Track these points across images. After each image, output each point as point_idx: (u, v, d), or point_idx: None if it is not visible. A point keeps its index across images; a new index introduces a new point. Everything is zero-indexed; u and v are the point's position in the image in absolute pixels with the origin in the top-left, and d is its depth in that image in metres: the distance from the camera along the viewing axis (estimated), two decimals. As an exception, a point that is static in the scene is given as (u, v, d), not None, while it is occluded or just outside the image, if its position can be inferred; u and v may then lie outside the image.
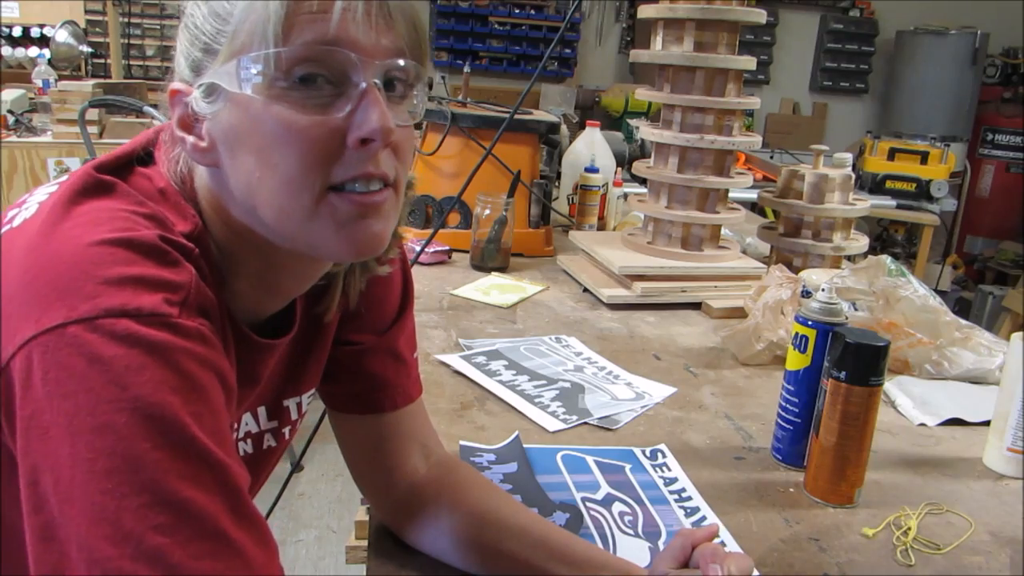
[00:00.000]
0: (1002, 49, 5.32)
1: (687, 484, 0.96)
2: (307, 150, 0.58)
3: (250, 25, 0.58)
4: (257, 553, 0.52)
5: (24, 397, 0.50)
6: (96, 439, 0.48)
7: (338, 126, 0.59)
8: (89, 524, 0.48)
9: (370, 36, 0.58)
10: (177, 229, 0.60)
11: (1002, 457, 1.04)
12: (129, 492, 0.48)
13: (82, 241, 0.54)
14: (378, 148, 0.59)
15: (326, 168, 0.59)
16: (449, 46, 4.90)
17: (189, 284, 0.56)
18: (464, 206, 1.81)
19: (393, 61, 0.60)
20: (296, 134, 0.58)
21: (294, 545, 2.47)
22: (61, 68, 3.63)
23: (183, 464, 0.50)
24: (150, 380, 0.50)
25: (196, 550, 0.49)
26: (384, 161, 0.61)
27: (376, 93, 0.59)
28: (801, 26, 5.37)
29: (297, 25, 0.57)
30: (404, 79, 0.62)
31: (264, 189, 0.60)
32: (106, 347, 0.50)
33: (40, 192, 0.63)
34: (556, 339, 1.38)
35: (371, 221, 0.61)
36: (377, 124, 0.58)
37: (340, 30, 0.57)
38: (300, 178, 0.59)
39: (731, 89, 1.56)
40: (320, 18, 0.57)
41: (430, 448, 0.85)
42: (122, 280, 0.52)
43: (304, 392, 0.82)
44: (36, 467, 0.50)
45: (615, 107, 4.65)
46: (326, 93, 0.59)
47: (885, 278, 1.32)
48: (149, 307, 0.52)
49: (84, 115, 2.64)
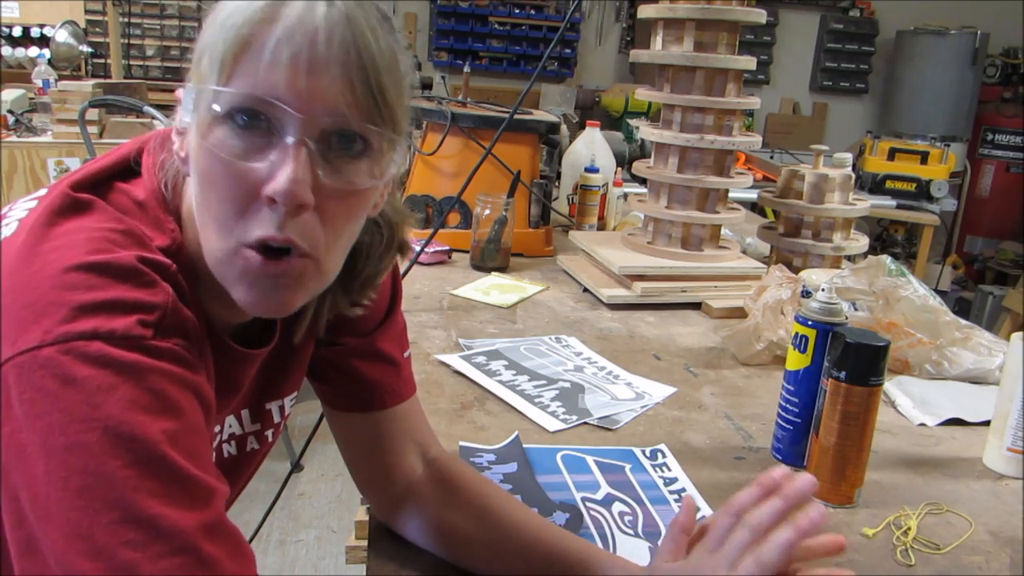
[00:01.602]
0: (1002, 49, 5.32)
1: (687, 484, 0.96)
2: (227, 197, 0.58)
3: (208, 53, 0.57)
4: (231, 566, 0.53)
5: (4, 415, 0.51)
6: (69, 457, 0.50)
7: (257, 178, 0.57)
8: (65, 540, 0.49)
9: (314, 92, 0.56)
10: (154, 244, 0.60)
11: (1002, 457, 1.04)
12: (101, 509, 0.49)
13: (59, 266, 0.55)
14: (285, 211, 0.56)
15: (242, 219, 0.58)
16: (449, 46, 4.91)
17: (165, 304, 0.56)
18: (464, 206, 1.81)
19: (331, 119, 0.57)
20: (220, 177, 0.58)
21: (294, 545, 2.47)
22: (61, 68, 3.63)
23: (153, 481, 0.51)
24: (121, 399, 0.51)
25: (167, 565, 0.50)
26: (296, 227, 0.57)
27: (301, 153, 0.56)
28: (801, 26, 5.37)
29: (245, 65, 0.56)
30: (354, 141, 0.59)
31: (202, 223, 0.61)
32: (79, 368, 0.51)
33: (19, 208, 0.63)
34: (556, 339, 1.38)
35: (279, 289, 0.60)
36: (283, 186, 0.55)
37: (282, 79, 0.55)
38: (222, 222, 0.59)
39: (731, 89, 1.56)
40: (266, 63, 0.55)
41: (427, 447, 0.86)
42: (96, 305, 0.53)
43: (286, 395, 0.82)
44: (15, 484, 0.51)
45: (615, 107, 4.65)
46: (258, 142, 0.57)
47: (885, 278, 1.32)
48: (122, 330, 0.53)
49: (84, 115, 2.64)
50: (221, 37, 0.56)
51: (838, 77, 5.47)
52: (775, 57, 5.36)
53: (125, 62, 4.30)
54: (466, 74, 2.10)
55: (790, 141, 4.96)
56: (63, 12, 3.91)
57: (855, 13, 5.38)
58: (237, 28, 0.56)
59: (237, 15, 0.56)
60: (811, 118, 5.52)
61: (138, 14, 4.56)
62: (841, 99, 5.56)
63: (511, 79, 4.99)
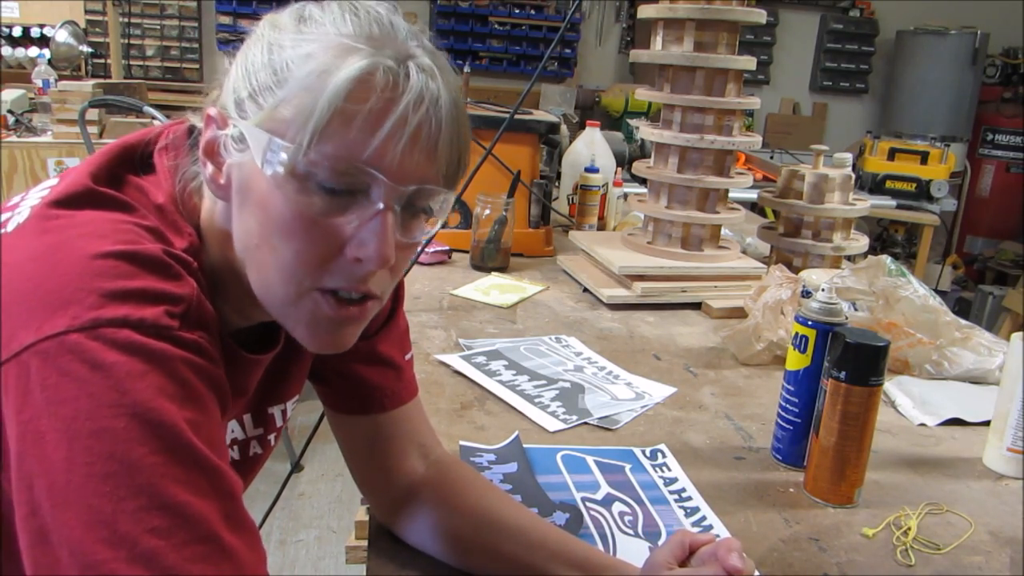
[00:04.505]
0: (1002, 49, 5.31)
1: (687, 484, 0.96)
2: (305, 248, 0.59)
3: (296, 105, 0.57)
4: (250, 558, 0.53)
5: (22, 403, 0.50)
6: (95, 443, 0.49)
7: (341, 233, 0.59)
8: (84, 527, 0.48)
9: (408, 162, 0.58)
10: (175, 244, 0.61)
11: (1002, 457, 1.04)
12: (126, 495, 0.49)
13: (87, 252, 0.54)
14: (370, 271, 0.60)
15: (318, 270, 0.60)
16: (449, 46, 4.90)
17: (191, 297, 0.57)
18: (464, 206, 1.81)
19: (418, 187, 0.59)
20: (300, 231, 0.58)
21: (294, 545, 2.47)
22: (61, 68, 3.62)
23: (180, 469, 0.50)
24: (150, 386, 0.51)
25: (190, 553, 0.49)
26: (376, 280, 0.61)
27: (389, 218, 0.58)
28: (801, 26, 5.37)
29: (340, 127, 0.56)
30: (431, 203, 0.62)
31: (258, 260, 0.61)
32: (107, 354, 0.50)
33: (33, 196, 0.63)
34: (556, 339, 1.38)
35: (344, 329, 0.63)
36: (375, 252, 0.58)
37: (380, 151, 0.56)
38: (292, 270, 0.60)
39: (731, 89, 1.56)
40: (364, 130, 0.56)
41: (428, 448, 0.85)
42: (125, 293, 0.53)
43: (288, 399, 0.83)
44: (31, 472, 0.50)
45: (615, 107, 4.65)
46: (342, 198, 0.58)
47: (885, 278, 1.32)
48: (151, 319, 0.53)
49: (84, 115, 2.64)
50: (317, 95, 0.56)
51: (838, 77, 5.46)
52: (775, 57, 5.36)
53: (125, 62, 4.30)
54: (466, 74, 2.11)
55: (790, 141, 4.96)
56: (63, 12, 3.90)
57: (855, 13, 5.38)
58: (339, 94, 0.55)
59: (339, 78, 0.56)
60: (811, 118, 5.51)
61: (138, 14, 4.56)
62: (841, 99, 5.55)
63: (511, 79, 4.99)
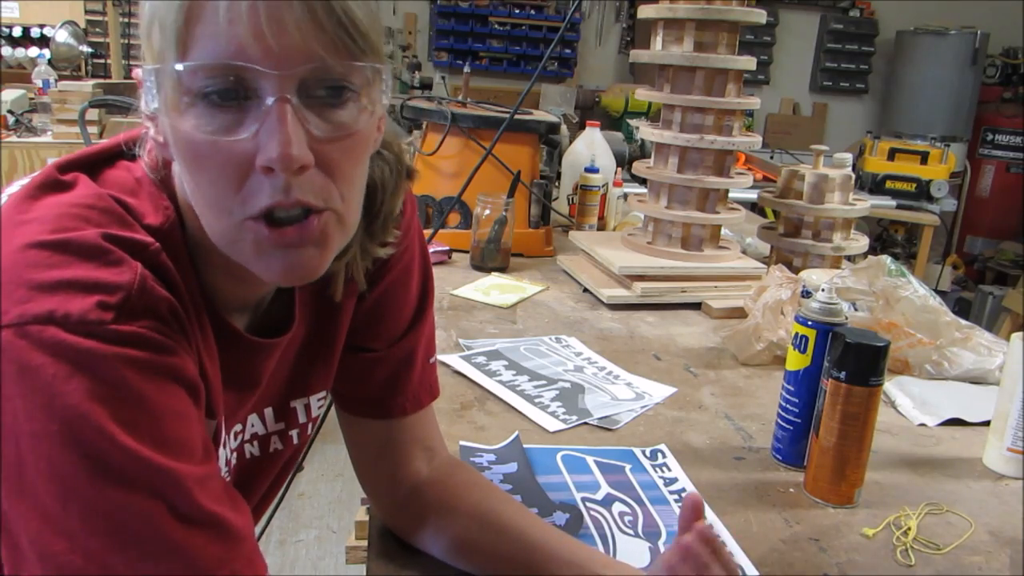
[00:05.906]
0: (1002, 49, 5.31)
1: (687, 484, 0.96)
2: (216, 176, 0.54)
3: (158, 26, 0.53)
4: (212, 550, 0.53)
5: None
6: (35, 443, 0.50)
7: (244, 150, 0.53)
8: (39, 521, 0.50)
9: (285, 42, 0.51)
10: (146, 221, 0.58)
11: (1002, 457, 1.04)
12: (69, 498, 0.50)
13: (19, 243, 0.53)
14: (286, 177, 0.53)
15: (238, 195, 0.54)
16: (449, 46, 4.90)
17: (131, 284, 0.53)
18: (464, 206, 1.81)
19: (308, 66, 0.53)
20: (206, 157, 0.54)
21: (294, 545, 2.47)
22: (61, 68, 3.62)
23: (116, 472, 0.50)
24: (76, 390, 0.50)
25: (134, 553, 0.50)
26: (302, 187, 0.54)
27: (286, 111, 0.52)
28: (801, 26, 5.37)
29: (201, 32, 0.51)
30: (339, 82, 0.55)
31: (197, 206, 0.58)
32: (34, 355, 0.50)
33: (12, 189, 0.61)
34: (556, 339, 1.38)
35: (295, 252, 0.57)
36: (276, 152, 0.52)
37: (242, 40, 0.51)
38: (218, 202, 0.56)
39: (731, 89, 1.56)
40: (222, 23, 0.51)
41: (434, 451, 0.85)
42: (54, 284, 0.51)
43: (312, 393, 0.80)
44: None
45: (615, 107, 4.65)
46: (232, 111, 0.53)
47: (885, 278, 1.32)
48: (78, 313, 0.50)
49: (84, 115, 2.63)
50: (167, 5, 0.52)
51: (838, 77, 5.46)
52: (775, 57, 5.36)
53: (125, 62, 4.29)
54: (466, 74, 2.10)
55: (790, 141, 4.96)
56: (63, 12, 3.90)
57: (855, 13, 5.38)
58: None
59: None
60: (811, 118, 5.51)
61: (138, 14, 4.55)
62: (841, 99, 5.55)
63: (511, 79, 4.98)
